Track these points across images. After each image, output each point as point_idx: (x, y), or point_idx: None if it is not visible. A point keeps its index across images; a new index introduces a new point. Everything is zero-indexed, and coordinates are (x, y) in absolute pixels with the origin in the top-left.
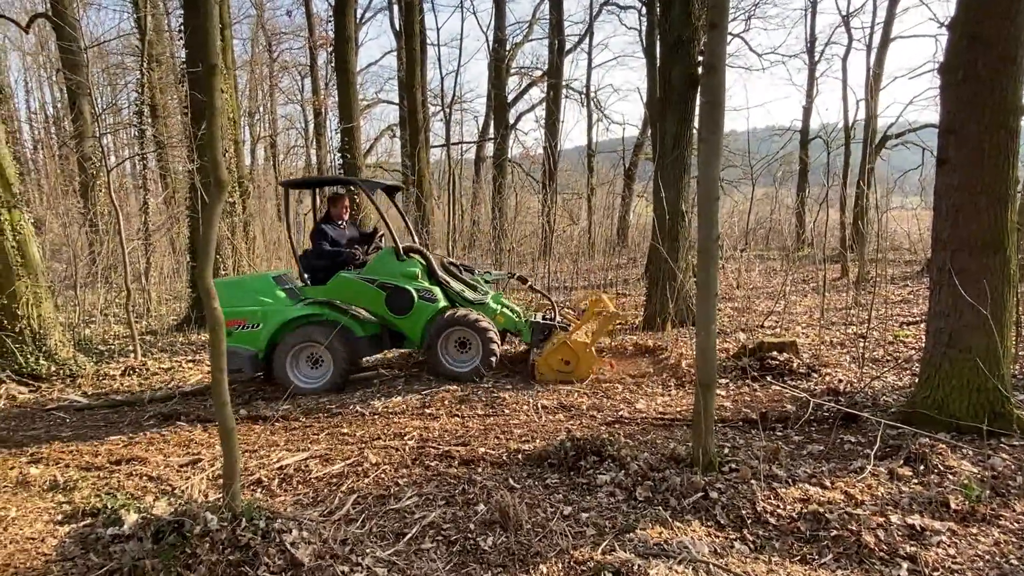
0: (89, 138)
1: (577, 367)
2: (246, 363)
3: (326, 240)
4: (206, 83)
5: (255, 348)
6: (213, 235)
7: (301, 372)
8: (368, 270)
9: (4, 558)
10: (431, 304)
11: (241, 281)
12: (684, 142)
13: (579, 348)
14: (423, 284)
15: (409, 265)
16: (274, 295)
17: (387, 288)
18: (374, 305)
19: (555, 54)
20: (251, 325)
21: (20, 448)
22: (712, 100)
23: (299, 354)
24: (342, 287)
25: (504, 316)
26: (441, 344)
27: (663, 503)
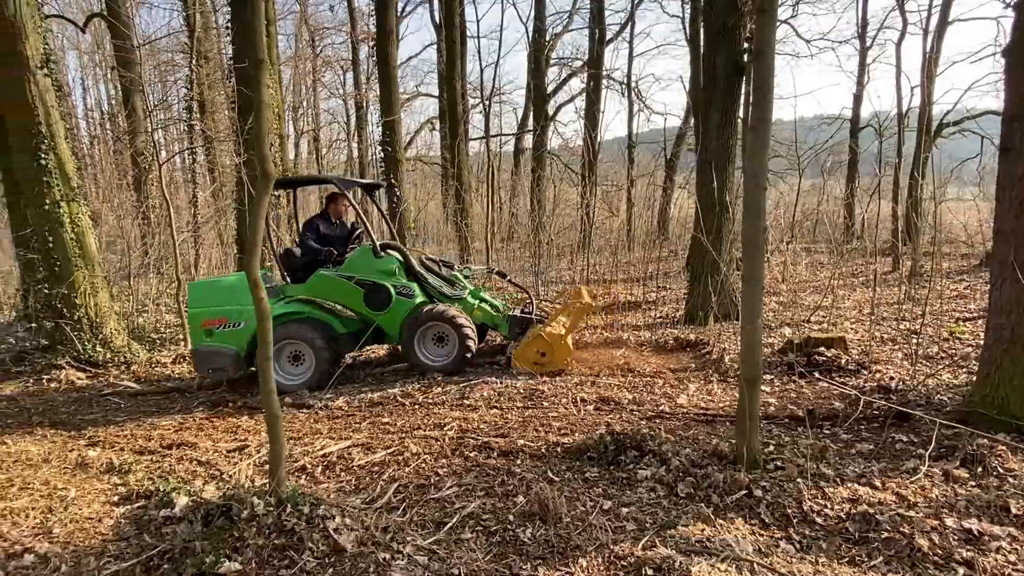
0: (141, 133)
1: (552, 358)
2: (229, 362)
3: (313, 235)
4: (253, 78)
5: (237, 347)
6: (260, 227)
7: (283, 369)
8: (346, 267)
9: (65, 536)
10: (408, 300)
11: (222, 281)
12: (728, 131)
13: (554, 340)
14: (400, 281)
15: (386, 262)
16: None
17: (365, 285)
18: (353, 302)
19: (595, 44)
20: (233, 324)
21: (79, 431)
22: (761, 87)
23: (280, 352)
24: (321, 285)
25: (482, 311)
26: (419, 339)
27: (705, 500)
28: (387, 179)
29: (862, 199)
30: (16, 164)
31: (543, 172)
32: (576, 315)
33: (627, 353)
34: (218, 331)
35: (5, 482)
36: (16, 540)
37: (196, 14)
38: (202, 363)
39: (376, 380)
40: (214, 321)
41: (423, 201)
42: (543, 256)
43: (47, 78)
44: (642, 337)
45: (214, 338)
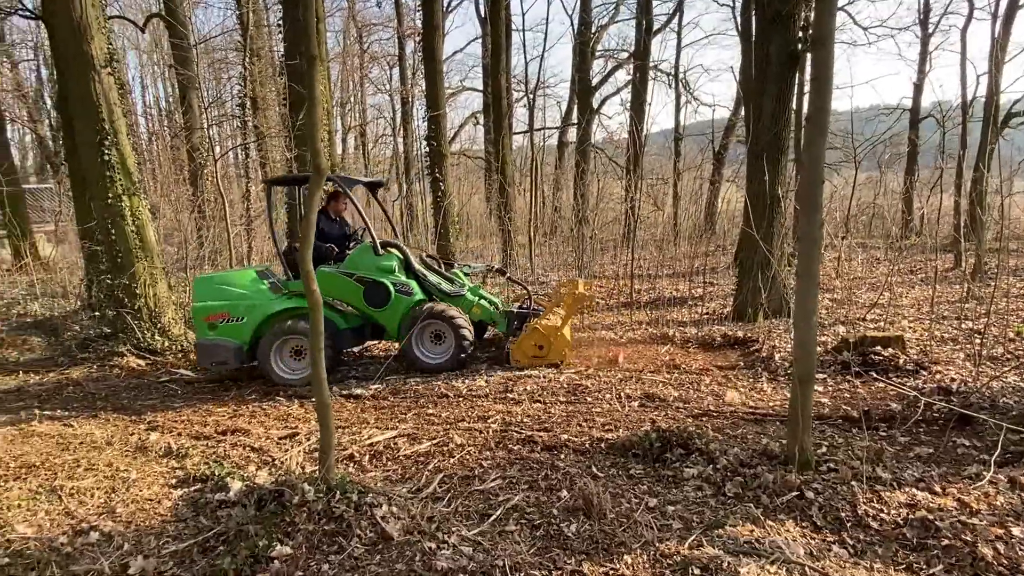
0: (197, 130)
1: (549, 351)
2: (231, 355)
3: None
4: (306, 74)
5: (240, 341)
6: (313, 220)
7: (284, 364)
8: (347, 264)
9: (127, 516)
10: (407, 298)
11: (225, 276)
12: (781, 123)
13: (550, 332)
14: (400, 278)
15: (386, 259)
16: (257, 289)
17: (365, 282)
18: (353, 299)
19: (642, 35)
20: (235, 318)
21: (139, 416)
22: (820, 76)
23: (283, 346)
24: (322, 281)
25: (481, 308)
26: (416, 337)
27: (754, 500)
28: (432, 174)
29: (922, 193)
30: (82, 159)
31: (587, 166)
32: (570, 306)
33: (672, 350)
34: (221, 325)
35: (72, 463)
36: (83, 518)
37: (249, 13)
38: (205, 356)
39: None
40: (217, 315)
41: (467, 196)
42: (586, 251)
43: (110, 77)
44: (688, 333)
45: (217, 332)
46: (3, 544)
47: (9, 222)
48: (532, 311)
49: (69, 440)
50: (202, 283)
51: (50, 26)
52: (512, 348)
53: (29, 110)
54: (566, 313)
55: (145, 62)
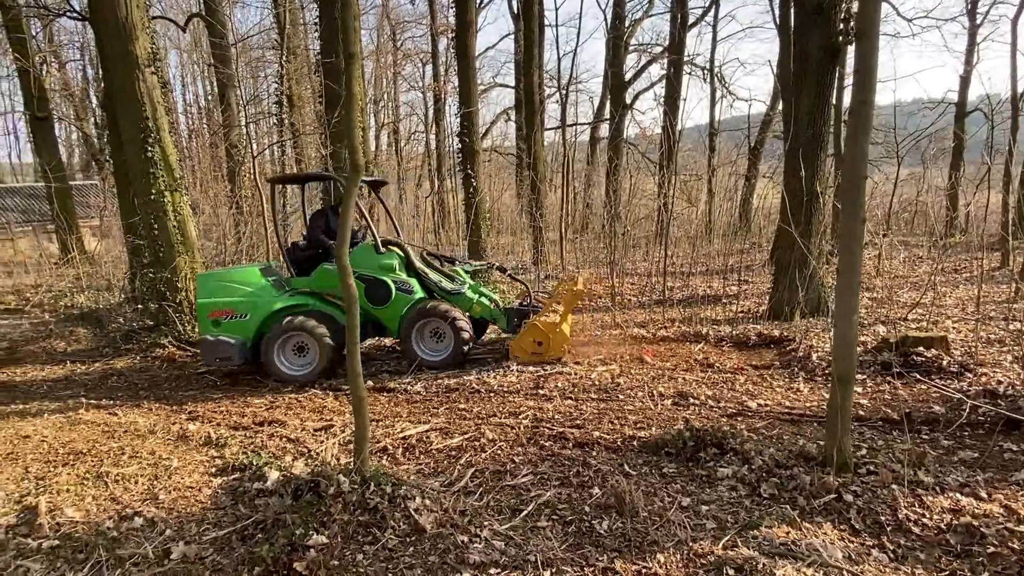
0: (235, 127)
1: (548, 347)
2: (235, 352)
3: (323, 226)
4: (345, 71)
5: (243, 337)
6: (349, 216)
7: (287, 360)
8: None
9: (169, 503)
10: (408, 296)
11: (229, 273)
12: (821, 118)
13: (548, 328)
14: (400, 276)
15: (387, 258)
16: (261, 286)
17: (366, 280)
18: None
19: (677, 28)
20: (239, 315)
21: (180, 406)
22: (863, 69)
23: (286, 343)
24: (325, 278)
25: (481, 305)
26: (416, 334)
27: (790, 502)
28: (464, 170)
29: (967, 189)
30: (127, 156)
31: (619, 161)
32: (568, 302)
33: (706, 348)
34: (225, 321)
35: (117, 450)
36: (127, 504)
37: (285, 12)
38: (209, 352)
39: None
40: (221, 312)
41: (498, 192)
42: (617, 247)
43: (154, 76)
44: (722, 332)
45: (221, 328)
46: (54, 527)
47: (57, 217)
48: (532, 308)
49: (114, 428)
50: (206, 280)
51: (96, 27)
52: (512, 344)
53: (76, 108)
54: (564, 309)
55: (185, 61)
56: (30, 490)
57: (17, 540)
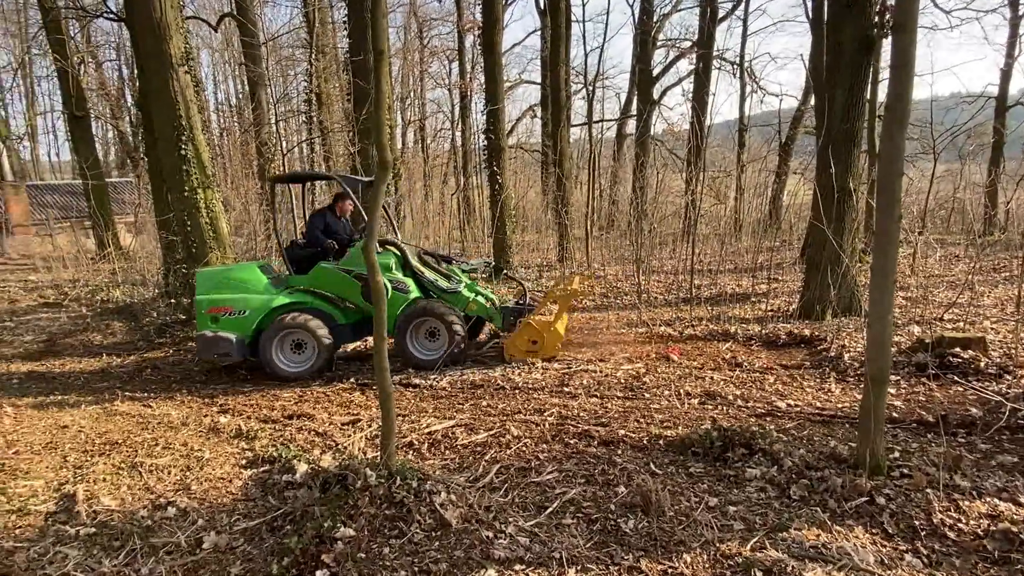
0: (265, 125)
1: (543, 346)
2: (233, 348)
3: (322, 225)
4: (374, 68)
5: (242, 334)
6: (377, 213)
7: (285, 357)
8: (346, 261)
9: (201, 493)
10: (403, 295)
11: (228, 270)
12: (855, 112)
13: (543, 327)
14: (397, 275)
15: (383, 257)
16: (259, 283)
17: (363, 279)
18: (351, 294)
19: (706, 23)
20: (237, 312)
21: (212, 399)
22: (900, 63)
23: (284, 340)
24: (322, 277)
25: (477, 304)
26: (411, 333)
27: (821, 504)
28: (490, 167)
29: (1007, 186)
30: (160, 154)
31: (646, 158)
32: (564, 303)
33: (734, 347)
34: (223, 318)
35: (151, 441)
36: (161, 494)
37: (315, 11)
38: (207, 348)
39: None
40: (219, 309)
41: (523, 189)
42: (644, 245)
43: (187, 75)
44: (751, 331)
45: (219, 325)
46: (91, 515)
47: (94, 213)
48: (528, 307)
49: (148, 420)
50: (205, 276)
51: (132, 27)
52: (507, 343)
53: (112, 107)
54: (559, 309)
55: (217, 60)
56: (68, 478)
57: (56, 527)
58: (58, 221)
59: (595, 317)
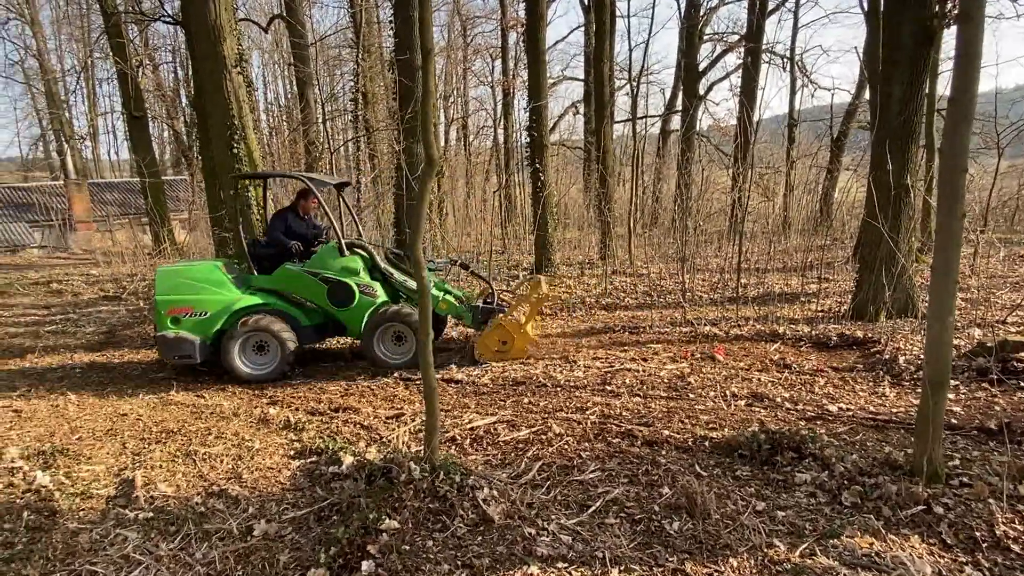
0: (313, 124)
1: (513, 346)
2: (195, 349)
3: (283, 227)
4: (422, 67)
5: (202, 335)
6: (424, 210)
7: (248, 359)
8: (312, 263)
9: (252, 482)
10: (371, 299)
11: (188, 269)
12: (913, 106)
13: (514, 328)
14: (364, 280)
15: (350, 261)
16: (221, 283)
17: (329, 282)
18: (317, 297)
19: (755, 16)
20: (198, 313)
21: (261, 391)
22: (965, 54)
23: (247, 341)
24: (287, 278)
25: (447, 303)
26: (378, 337)
27: (874, 512)
28: (532, 164)
29: None
30: (214, 153)
31: (691, 154)
32: (534, 305)
33: (783, 348)
34: (184, 319)
35: (204, 430)
36: (214, 481)
37: (362, 12)
38: (167, 349)
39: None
40: (180, 309)
41: (565, 186)
42: (689, 242)
43: (240, 76)
44: (800, 332)
45: (180, 326)
46: (148, 500)
47: (151, 210)
48: (497, 307)
49: (201, 410)
50: (165, 275)
51: (188, 30)
52: (477, 343)
53: (167, 108)
54: (530, 311)
55: (266, 61)
56: (127, 464)
57: (116, 510)
58: (117, 218)
59: (637, 315)
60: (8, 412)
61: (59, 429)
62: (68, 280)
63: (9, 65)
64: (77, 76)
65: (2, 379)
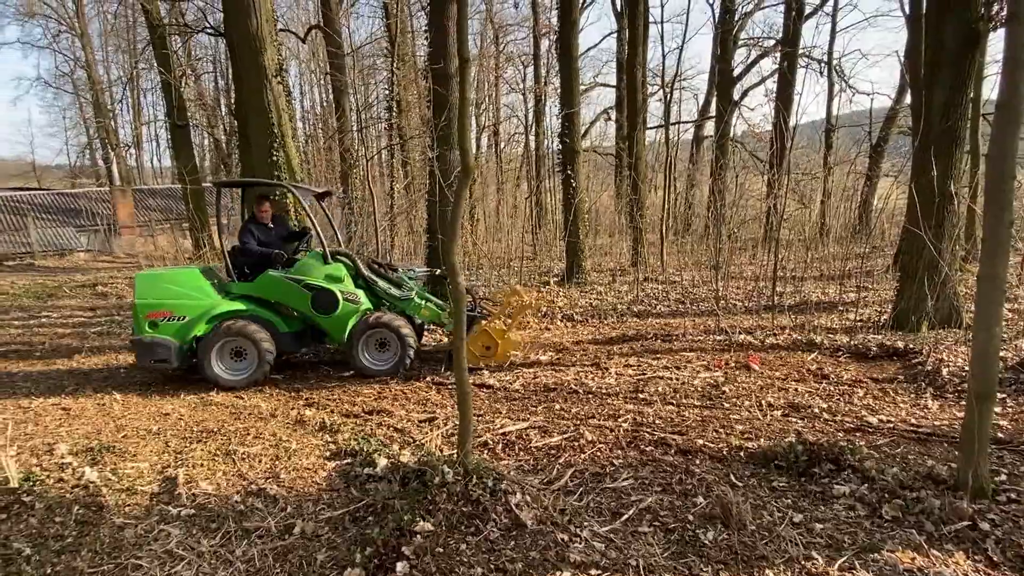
0: (349, 132)
1: (496, 351)
2: (172, 354)
3: (252, 239)
4: (459, 76)
5: (180, 340)
6: (459, 216)
7: (225, 365)
8: (295, 270)
9: (289, 482)
10: (354, 306)
11: (169, 273)
12: (957, 111)
13: (497, 334)
14: (348, 287)
15: (334, 269)
16: (201, 289)
17: (313, 289)
18: (299, 304)
19: (792, 20)
20: (177, 317)
21: (297, 393)
22: (1014, 57)
23: (224, 347)
24: (269, 285)
25: (429, 310)
26: (362, 344)
27: (916, 526)
28: (564, 171)
29: None
30: (254, 160)
31: (725, 160)
32: (517, 312)
33: (820, 358)
34: (162, 323)
35: (243, 430)
36: (252, 480)
37: (397, 22)
38: (145, 354)
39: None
40: (159, 313)
41: (596, 193)
42: (722, 250)
43: (279, 85)
44: (838, 341)
45: (158, 330)
46: (190, 497)
47: (191, 216)
48: (479, 314)
49: (240, 410)
50: (145, 279)
51: (230, 41)
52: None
53: (208, 117)
54: (514, 318)
55: (303, 71)
56: (170, 462)
57: (160, 507)
58: (159, 223)
59: (670, 323)
60: (58, 410)
61: (105, 427)
62: (113, 283)
63: (59, 76)
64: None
65: (52, 378)
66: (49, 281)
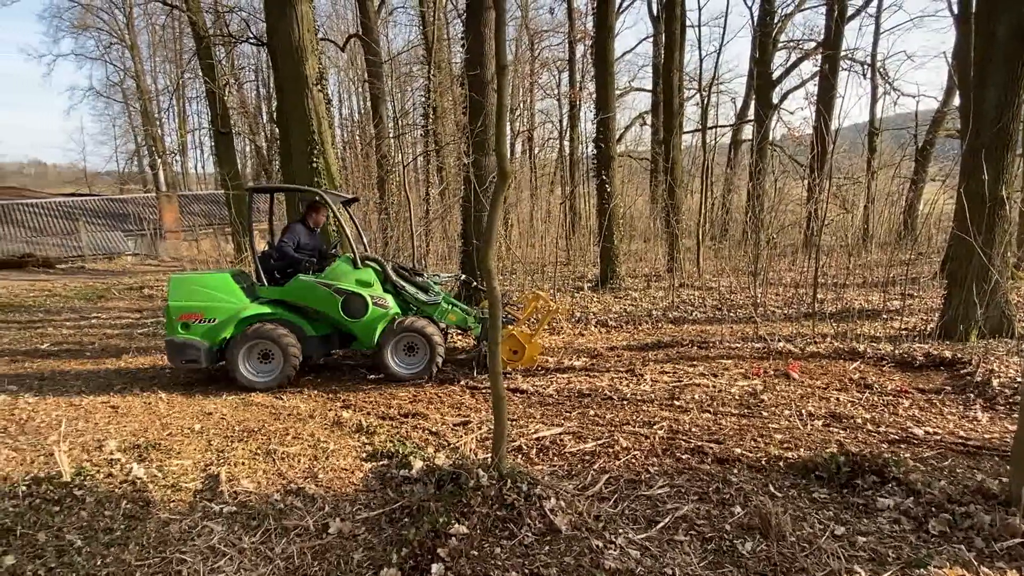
0: (386, 138)
1: (523, 355)
2: (202, 355)
3: (294, 240)
4: (497, 82)
5: (210, 341)
6: (496, 221)
7: (252, 367)
8: (326, 275)
9: (327, 482)
10: (383, 311)
11: (201, 277)
12: (1010, 112)
13: (524, 338)
14: (377, 292)
15: (364, 273)
16: (231, 292)
17: (343, 293)
18: (329, 308)
19: (834, 22)
20: (208, 320)
21: (335, 395)
22: None
23: (252, 349)
24: (300, 289)
25: (456, 314)
26: (391, 348)
27: (965, 542)
28: (599, 176)
29: None
30: (294, 166)
31: (764, 164)
32: (544, 316)
33: (863, 367)
34: (194, 325)
35: (282, 431)
36: (291, 480)
37: (435, 29)
38: (176, 354)
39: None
40: (191, 315)
41: (631, 198)
42: (761, 255)
43: (320, 93)
44: (882, 350)
45: (190, 331)
46: (232, 495)
47: (234, 220)
48: (506, 318)
49: (279, 411)
50: (178, 283)
51: (272, 50)
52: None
53: (250, 124)
54: (540, 323)
55: (342, 79)
56: (212, 460)
57: (203, 503)
58: (203, 227)
59: (706, 330)
60: (107, 408)
61: (151, 425)
62: (158, 286)
63: (110, 86)
64: (170, 95)
65: (101, 377)
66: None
